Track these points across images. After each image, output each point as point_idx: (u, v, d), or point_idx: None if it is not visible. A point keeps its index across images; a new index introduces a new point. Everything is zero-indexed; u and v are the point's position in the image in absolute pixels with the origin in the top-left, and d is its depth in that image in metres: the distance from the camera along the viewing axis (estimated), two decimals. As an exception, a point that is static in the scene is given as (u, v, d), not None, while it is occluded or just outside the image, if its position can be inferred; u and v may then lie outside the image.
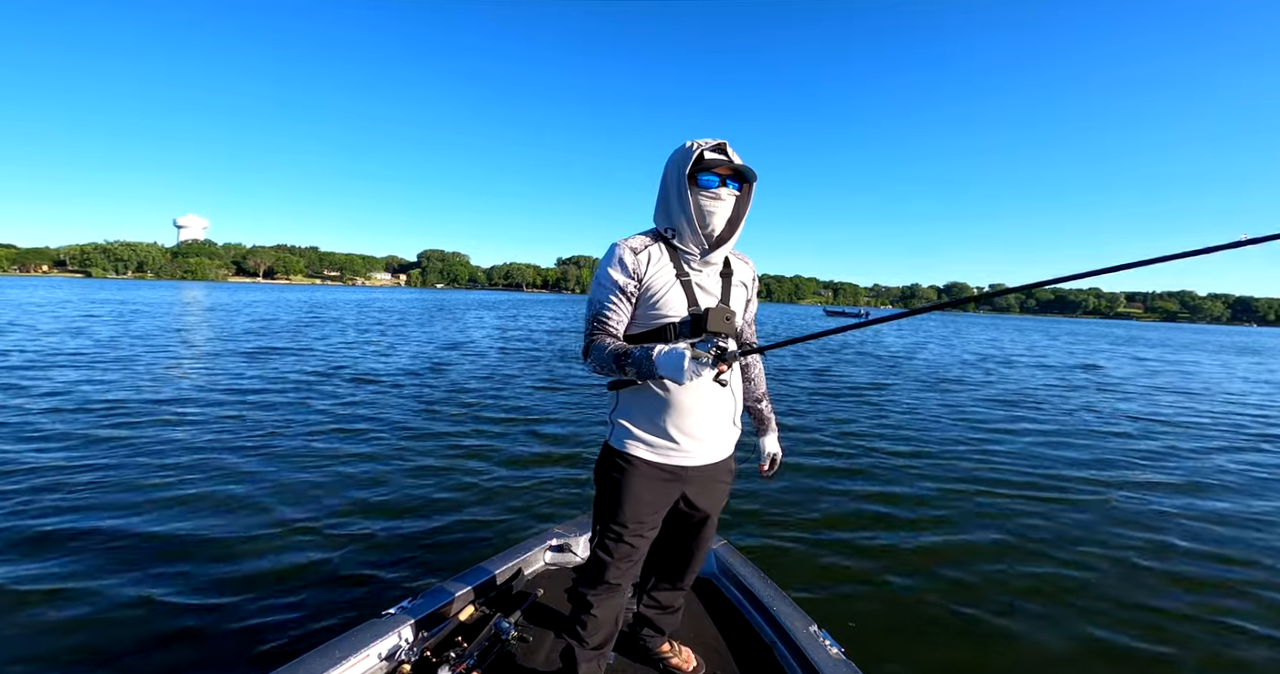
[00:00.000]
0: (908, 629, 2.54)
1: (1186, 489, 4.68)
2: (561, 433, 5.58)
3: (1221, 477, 5.08)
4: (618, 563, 1.47)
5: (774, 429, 1.74)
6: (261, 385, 7.31)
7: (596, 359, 1.36)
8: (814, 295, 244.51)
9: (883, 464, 4.94)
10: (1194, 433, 7.02)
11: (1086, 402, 9.09)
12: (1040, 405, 8.44)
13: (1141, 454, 5.81)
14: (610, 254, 1.40)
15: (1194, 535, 3.70)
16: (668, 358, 1.21)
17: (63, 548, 2.89)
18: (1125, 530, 3.72)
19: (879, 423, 6.70)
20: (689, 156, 1.34)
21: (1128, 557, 3.35)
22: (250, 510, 3.45)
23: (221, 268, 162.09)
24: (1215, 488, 4.75)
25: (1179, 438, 6.69)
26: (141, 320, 16.76)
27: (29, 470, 3.90)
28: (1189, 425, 7.51)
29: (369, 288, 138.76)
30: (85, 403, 5.88)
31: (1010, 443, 5.96)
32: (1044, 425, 6.97)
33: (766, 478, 1.73)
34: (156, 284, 77.26)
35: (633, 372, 1.29)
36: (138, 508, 3.41)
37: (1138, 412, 8.36)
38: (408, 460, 4.50)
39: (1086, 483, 4.70)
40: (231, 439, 4.83)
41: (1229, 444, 6.46)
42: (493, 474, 4.28)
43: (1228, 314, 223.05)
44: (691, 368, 1.17)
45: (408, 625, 1.72)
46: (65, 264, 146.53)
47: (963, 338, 27.11)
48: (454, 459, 4.59)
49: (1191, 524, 3.90)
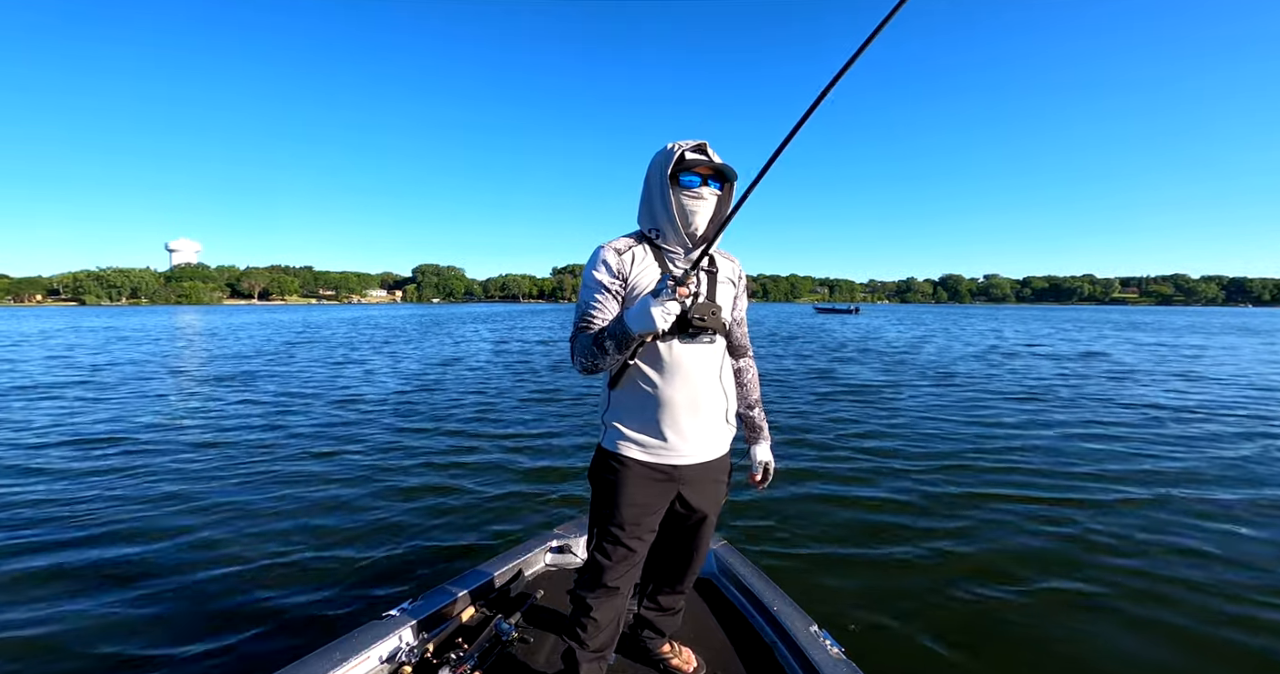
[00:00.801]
0: (909, 630, 2.51)
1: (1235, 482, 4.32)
2: (559, 438, 5.58)
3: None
4: (616, 565, 1.47)
5: (767, 438, 1.68)
6: (244, 409, 7.31)
7: (580, 352, 1.35)
8: (810, 293, 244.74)
9: (886, 466, 4.83)
10: (1231, 419, 6.67)
11: (1104, 391, 8.72)
12: (1057, 399, 8.03)
13: (1178, 442, 5.48)
14: (595, 256, 1.41)
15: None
16: (635, 311, 1.23)
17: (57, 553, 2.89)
18: (1156, 535, 3.41)
19: (887, 423, 6.54)
20: (670, 157, 1.36)
21: (1171, 557, 3.11)
22: (252, 517, 3.47)
23: (216, 291, 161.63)
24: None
25: (1221, 423, 6.32)
26: (119, 347, 16.55)
27: (32, 502, 3.84)
28: (1222, 410, 7.18)
29: (365, 305, 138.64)
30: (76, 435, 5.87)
31: (1029, 439, 5.67)
32: (1064, 418, 6.65)
33: (759, 488, 1.68)
34: (148, 310, 77.07)
35: (612, 346, 1.29)
36: (139, 514, 3.44)
37: (1165, 400, 7.95)
38: (407, 466, 4.52)
39: (1118, 481, 4.37)
40: (231, 453, 4.83)
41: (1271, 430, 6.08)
42: (491, 478, 4.28)
43: (1222, 296, 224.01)
44: (657, 306, 1.20)
45: (408, 627, 1.72)
46: (59, 293, 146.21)
47: (963, 329, 27.02)
48: (452, 465, 4.60)
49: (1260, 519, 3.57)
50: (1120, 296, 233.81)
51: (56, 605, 2.53)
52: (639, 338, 1.27)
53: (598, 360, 1.33)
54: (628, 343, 1.28)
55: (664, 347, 1.38)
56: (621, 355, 1.31)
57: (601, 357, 1.32)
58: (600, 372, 1.39)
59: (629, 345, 1.29)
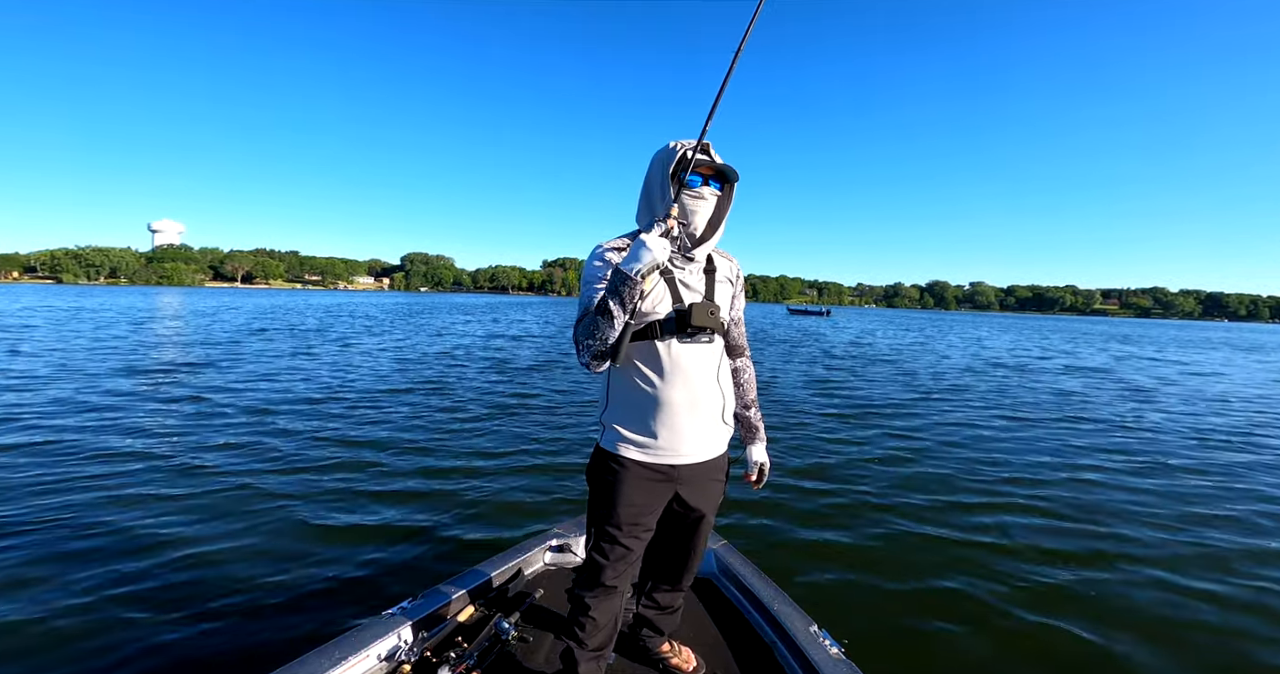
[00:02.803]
0: (909, 630, 2.53)
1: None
2: (559, 437, 5.56)
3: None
4: (613, 565, 1.47)
5: (763, 438, 1.67)
6: (230, 398, 7.19)
7: (584, 332, 1.32)
8: (799, 295, 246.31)
9: (888, 466, 4.86)
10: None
11: (1145, 414, 7.79)
12: (1097, 422, 7.06)
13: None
14: (595, 252, 1.42)
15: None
16: (628, 255, 1.27)
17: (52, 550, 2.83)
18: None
19: (889, 423, 6.58)
20: (672, 156, 1.37)
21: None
22: (249, 515, 3.41)
23: (198, 273, 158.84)
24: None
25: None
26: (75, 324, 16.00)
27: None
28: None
29: (351, 292, 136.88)
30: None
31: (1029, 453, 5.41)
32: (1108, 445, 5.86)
33: (755, 488, 1.65)
34: (123, 290, 75.05)
35: (615, 302, 1.27)
36: (142, 511, 3.38)
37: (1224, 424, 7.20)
38: (406, 465, 4.46)
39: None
40: (226, 448, 4.75)
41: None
42: (491, 477, 4.25)
43: (1199, 310, 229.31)
44: (649, 245, 1.24)
45: (408, 626, 1.71)
46: (36, 270, 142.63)
47: (958, 337, 26.92)
48: (452, 464, 4.55)
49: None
50: (1101, 308, 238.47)
51: (51, 600, 2.47)
52: (636, 278, 1.26)
53: (603, 330, 1.29)
54: (629, 292, 1.26)
55: (662, 346, 1.38)
56: (624, 314, 1.28)
57: (607, 322, 1.28)
58: (605, 351, 1.33)
59: (630, 295, 1.27)
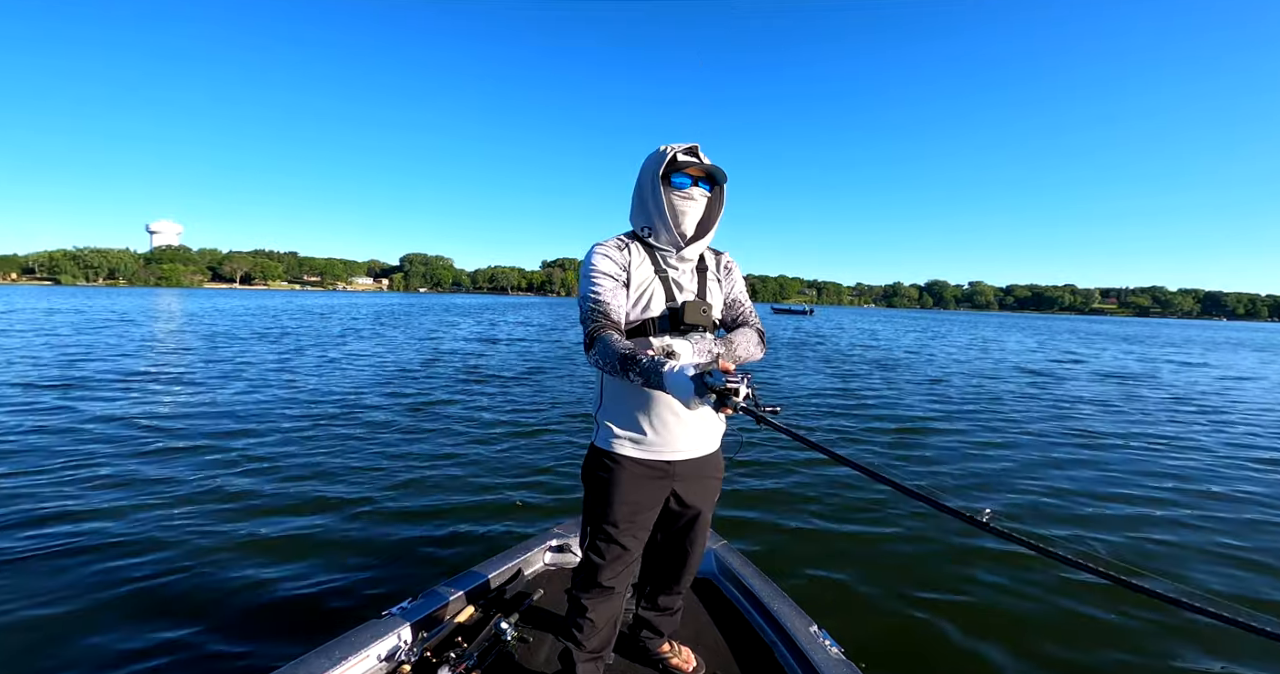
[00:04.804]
0: (910, 630, 2.52)
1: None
2: (559, 436, 5.56)
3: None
4: (610, 565, 1.46)
5: (736, 356, 1.43)
6: (235, 397, 7.18)
7: (601, 354, 1.31)
8: (798, 294, 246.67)
9: (889, 467, 4.88)
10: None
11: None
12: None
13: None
14: (593, 251, 1.43)
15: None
16: (676, 380, 1.14)
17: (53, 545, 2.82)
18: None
19: (890, 424, 6.55)
20: (662, 158, 1.39)
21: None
22: (250, 515, 3.41)
23: (196, 274, 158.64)
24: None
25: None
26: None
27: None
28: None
29: (350, 292, 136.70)
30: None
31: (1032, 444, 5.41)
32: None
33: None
34: (121, 291, 74.62)
35: (639, 380, 1.23)
36: (142, 511, 3.38)
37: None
38: (405, 464, 4.46)
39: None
40: (228, 450, 4.74)
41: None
42: (490, 477, 4.25)
43: (1198, 309, 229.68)
44: (697, 400, 1.09)
45: (407, 626, 1.70)
46: (34, 271, 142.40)
47: (963, 336, 26.68)
48: (451, 464, 4.55)
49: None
50: (1100, 307, 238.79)
51: (51, 600, 2.47)
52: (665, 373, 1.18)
53: (616, 375, 1.29)
54: (656, 388, 1.20)
55: (656, 343, 1.38)
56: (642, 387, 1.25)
57: (622, 377, 1.27)
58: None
59: (653, 387, 1.22)
